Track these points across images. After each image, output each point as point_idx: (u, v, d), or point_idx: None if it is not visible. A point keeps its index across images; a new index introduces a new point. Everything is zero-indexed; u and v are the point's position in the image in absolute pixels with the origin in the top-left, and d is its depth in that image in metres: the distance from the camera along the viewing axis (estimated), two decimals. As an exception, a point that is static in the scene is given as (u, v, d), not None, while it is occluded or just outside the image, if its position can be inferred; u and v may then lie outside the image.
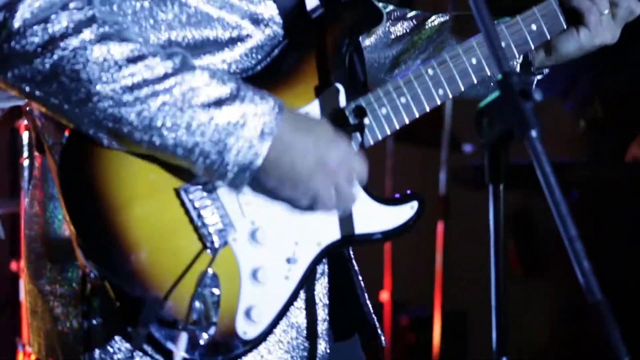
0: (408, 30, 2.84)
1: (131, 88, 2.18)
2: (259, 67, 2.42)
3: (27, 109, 2.43)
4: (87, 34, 2.18)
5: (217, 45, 2.37)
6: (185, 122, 2.20)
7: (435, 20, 2.83)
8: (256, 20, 2.41)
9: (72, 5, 2.18)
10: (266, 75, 2.40)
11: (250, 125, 2.23)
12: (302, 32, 2.46)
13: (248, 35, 2.40)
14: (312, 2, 2.51)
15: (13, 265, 4.83)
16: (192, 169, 2.26)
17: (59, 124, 2.30)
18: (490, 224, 2.16)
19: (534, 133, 2.07)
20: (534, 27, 2.63)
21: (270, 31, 2.43)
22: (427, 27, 2.83)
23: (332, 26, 2.47)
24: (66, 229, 2.34)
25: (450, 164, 6.14)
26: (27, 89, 2.20)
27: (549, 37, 2.66)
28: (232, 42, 2.38)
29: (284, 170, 2.27)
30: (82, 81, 2.17)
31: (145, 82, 2.19)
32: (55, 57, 2.16)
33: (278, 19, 2.44)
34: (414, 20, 2.86)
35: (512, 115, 2.09)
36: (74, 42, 2.17)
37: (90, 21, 2.19)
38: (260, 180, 2.27)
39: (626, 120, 5.74)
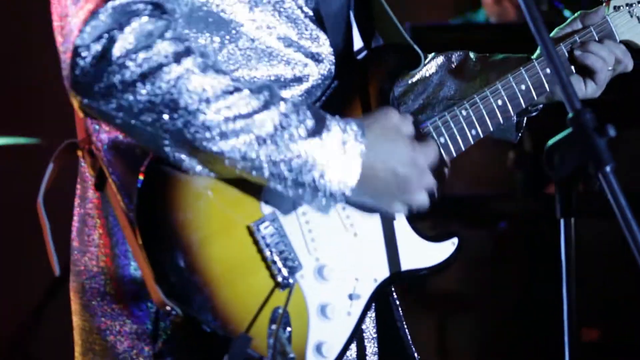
0: (406, 72, 2.89)
1: (227, 120, 2.19)
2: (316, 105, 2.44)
3: (88, 147, 2.38)
4: (187, 64, 2.17)
5: (281, 83, 2.40)
6: (278, 154, 2.22)
7: (431, 61, 2.89)
8: (316, 59, 2.45)
9: (168, 35, 2.18)
10: None
11: (340, 158, 2.26)
12: (349, 74, 2.51)
13: (309, 74, 2.43)
14: (357, 43, 2.57)
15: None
16: (280, 191, 2.27)
17: (129, 162, 2.29)
18: (562, 258, 2.21)
19: (608, 169, 2.13)
20: (548, 70, 2.70)
21: (325, 70, 2.47)
22: (423, 68, 2.88)
23: (376, 68, 2.53)
24: (132, 266, 2.32)
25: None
26: (123, 118, 2.17)
27: None
28: (295, 80, 2.42)
29: (367, 195, 2.32)
30: (181, 110, 2.17)
31: (241, 116, 2.20)
32: (155, 86, 2.15)
33: (332, 58, 2.48)
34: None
35: (586, 151, 2.14)
36: (174, 71, 2.16)
37: (188, 51, 2.19)
38: (347, 200, 2.32)
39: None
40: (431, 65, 2.87)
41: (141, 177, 2.24)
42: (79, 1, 2.18)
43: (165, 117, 2.17)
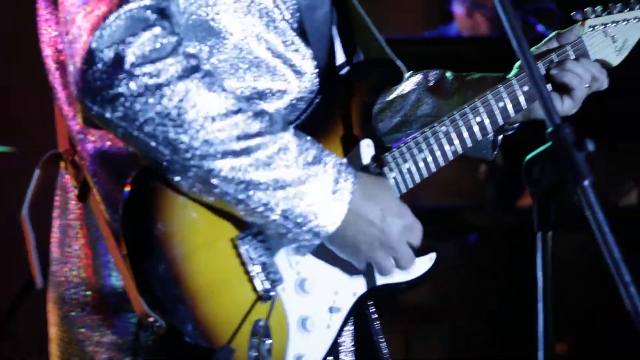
0: (389, 87, 2.88)
1: (230, 139, 2.21)
2: (298, 121, 2.47)
3: (71, 157, 2.38)
4: (195, 81, 2.19)
5: (265, 95, 2.42)
6: (271, 183, 2.25)
7: (408, 79, 2.91)
8: (300, 72, 2.46)
9: (180, 50, 2.19)
10: (302, 131, 2.42)
11: (329, 195, 2.29)
12: (332, 88, 2.53)
13: (293, 87, 2.45)
14: (339, 58, 2.59)
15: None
16: (263, 228, 2.30)
17: (114, 172, 2.30)
18: (538, 271, 2.22)
19: (587, 183, 2.15)
20: (525, 88, 2.72)
21: (309, 83, 2.48)
22: (401, 85, 2.90)
23: (359, 83, 2.55)
24: (114, 277, 2.33)
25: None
26: (126, 128, 2.18)
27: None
28: (280, 92, 2.43)
29: (348, 241, 2.35)
30: (185, 125, 2.18)
31: (243, 136, 2.22)
32: (162, 99, 2.16)
33: (315, 72, 2.50)
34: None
35: (565, 165, 2.16)
36: (183, 87, 2.17)
37: (197, 69, 2.20)
38: (324, 244, 2.35)
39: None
40: (409, 83, 2.89)
41: (127, 188, 2.25)
42: (87, 5, 2.18)
43: (169, 130, 2.18)
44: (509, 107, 2.70)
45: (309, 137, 2.32)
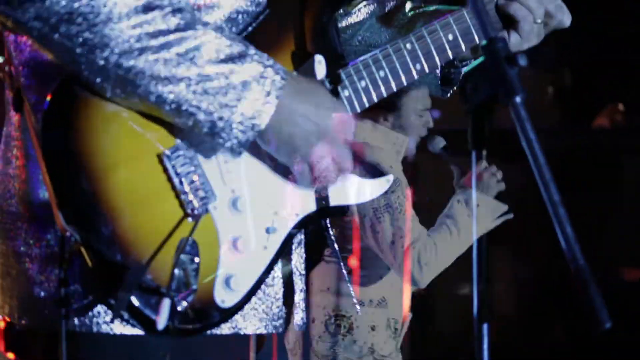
0: (341, 4, 2.78)
1: (146, 35, 2.16)
2: (243, 35, 2.38)
3: (8, 68, 2.38)
4: None
5: (198, 7, 2.34)
6: (194, 77, 2.19)
7: (363, 7, 2.79)
8: None
9: None
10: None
11: (256, 89, 2.22)
12: (283, 2, 2.43)
13: None
14: None
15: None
16: (194, 128, 2.24)
17: (44, 83, 2.26)
18: (472, 190, 2.16)
19: (518, 99, 2.07)
20: (474, 21, 2.57)
21: None
22: (353, 15, 2.79)
23: None
24: (45, 191, 2.29)
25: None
26: (40, 30, 2.17)
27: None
28: (214, 5, 2.35)
29: (283, 137, 2.27)
30: (98, 25, 2.15)
31: (160, 32, 2.17)
32: None
33: None
34: None
35: (497, 81, 2.08)
36: None
37: None
38: (258, 144, 2.28)
39: (594, 89, 5.77)
40: (362, 11, 2.78)
41: (48, 98, 2.22)
42: None
43: (83, 29, 2.16)
44: (459, 38, 2.55)
45: (234, 35, 2.25)
